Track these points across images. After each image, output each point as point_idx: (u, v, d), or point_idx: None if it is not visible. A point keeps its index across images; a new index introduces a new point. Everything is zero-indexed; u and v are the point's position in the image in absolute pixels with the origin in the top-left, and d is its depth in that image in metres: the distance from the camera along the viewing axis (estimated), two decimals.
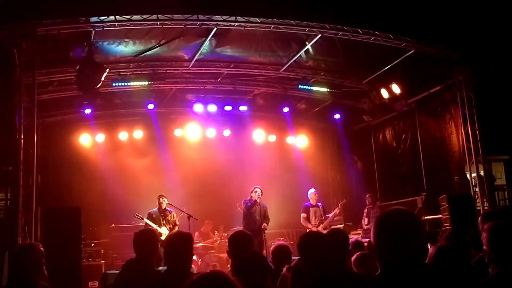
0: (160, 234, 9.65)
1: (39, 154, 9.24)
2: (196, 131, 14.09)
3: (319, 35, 10.09)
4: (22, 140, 8.71)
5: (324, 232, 9.27)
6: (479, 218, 4.84)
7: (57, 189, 11.96)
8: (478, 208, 10.25)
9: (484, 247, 3.41)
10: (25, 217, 8.45)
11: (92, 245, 11.08)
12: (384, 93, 12.44)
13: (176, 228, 10.43)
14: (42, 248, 4.12)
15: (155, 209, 10.54)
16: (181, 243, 3.71)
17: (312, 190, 11.22)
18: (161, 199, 10.52)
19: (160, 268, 5.12)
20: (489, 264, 3.44)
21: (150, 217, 10.38)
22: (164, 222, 10.39)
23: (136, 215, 10.42)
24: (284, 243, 5.97)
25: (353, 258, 4.93)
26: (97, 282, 9.91)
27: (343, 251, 3.71)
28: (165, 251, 3.70)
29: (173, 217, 10.60)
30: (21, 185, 8.46)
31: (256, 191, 10.38)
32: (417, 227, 2.26)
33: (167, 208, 10.58)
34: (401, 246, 2.15)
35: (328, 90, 12.91)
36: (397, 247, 2.16)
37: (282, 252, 5.26)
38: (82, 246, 9.38)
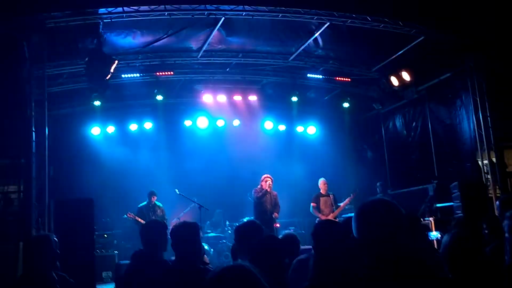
0: None
1: (51, 146, 9.31)
2: (205, 121, 14.10)
3: (328, 23, 10.00)
4: (33, 133, 8.78)
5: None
6: (497, 202, 4.76)
7: (69, 181, 12.06)
8: (490, 195, 10.19)
9: (506, 234, 3.32)
10: (38, 209, 8.54)
11: (105, 236, 11.25)
12: (394, 81, 12.34)
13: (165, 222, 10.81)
14: (56, 239, 4.17)
15: (145, 203, 11.01)
16: (187, 233, 3.71)
17: (321, 179, 11.19)
18: (152, 196, 11.21)
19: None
20: (505, 252, 3.35)
21: (140, 212, 10.98)
22: (153, 217, 10.78)
23: (128, 214, 10.85)
24: (292, 233, 5.97)
25: None
26: (110, 273, 10.02)
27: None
28: (172, 242, 3.71)
29: (162, 212, 11.23)
30: (33, 178, 8.55)
31: (266, 181, 10.38)
32: (397, 214, 2.22)
33: (156, 203, 11.18)
34: (385, 235, 2.13)
35: (338, 78, 12.83)
36: (381, 236, 2.14)
37: (290, 241, 5.25)
38: (95, 237, 9.49)
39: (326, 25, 10.10)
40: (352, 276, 2.88)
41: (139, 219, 10.60)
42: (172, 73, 11.80)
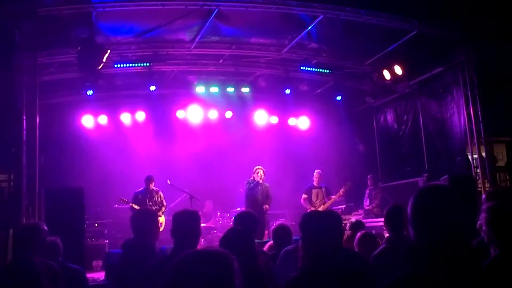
0: None
1: (42, 135, 9.27)
2: (198, 112, 14.09)
3: (321, 16, 10.01)
4: (24, 122, 8.74)
5: None
6: (483, 196, 4.79)
7: (60, 170, 12.02)
8: (479, 189, 10.29)
9: (483, 227, 3.35)
10: (28, 197, 8.53)
11: (96, 225, 11.21)
12: (386, 75, 12.38)
13: (163, 209, 10.59)
14: (46, 227, 4.16)
15: (142, 189, 10.65)
16: (189, 221, 3.69)
17: (317, 171, 11.23)
18: (149, 181, 10.63)
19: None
20: (489, 245, 3.38)
21: (135, 198, 10.45)
22: (151, 203, 10.46)
23: (122, 199, 10.51)
24: (285, 223, 6.03)
25: (356, 237, 4.99)
26: (101, 261, 10.03)
27: (339, 230, 3.73)
28: (173, 229, 3.66)
29: (160, 197, 10.72)
30: (24, 166, 8.52)
31: (258, 172, 10.41)
32: (457, 204, 2.19)
33: (153, 188, 10.68)
34: (438, 221, 2.09)
35: (330, 71, 12.86)
36: (434, 222, 2.09)
37: (283, 232, 5.33)
38: (85, 226, 9.48)
39: (319, 18, 10.10)
40: (338, 265, 2.93)
41: (134, 206, 10.11)
42: (165, 63, 11.77)
